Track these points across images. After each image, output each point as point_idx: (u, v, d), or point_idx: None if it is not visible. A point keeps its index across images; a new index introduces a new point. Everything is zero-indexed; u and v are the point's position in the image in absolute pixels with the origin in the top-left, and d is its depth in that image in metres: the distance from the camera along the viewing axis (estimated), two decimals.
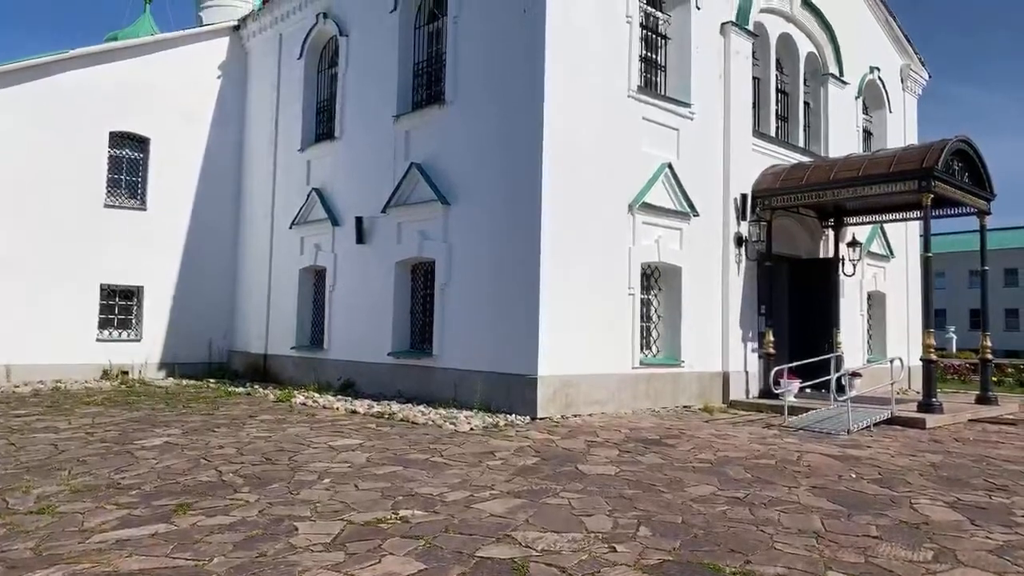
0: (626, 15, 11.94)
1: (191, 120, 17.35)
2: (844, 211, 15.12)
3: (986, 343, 13.47)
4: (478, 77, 11.92)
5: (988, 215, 13.86)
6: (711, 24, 13.43)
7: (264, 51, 17.71)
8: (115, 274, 16.15)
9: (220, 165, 17.75)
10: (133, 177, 16.76)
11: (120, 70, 16.41)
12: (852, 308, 15.97)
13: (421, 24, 13.73)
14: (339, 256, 14.65)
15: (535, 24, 10.85)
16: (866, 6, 17.89)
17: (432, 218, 12.45)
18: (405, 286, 13.33)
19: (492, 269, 11.31)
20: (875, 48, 18.09)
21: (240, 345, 17.45)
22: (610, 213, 11.55)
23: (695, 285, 12.79)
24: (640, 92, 12.12)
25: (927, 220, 12.29)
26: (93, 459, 7.19)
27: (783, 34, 15.33)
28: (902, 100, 19.10)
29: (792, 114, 15.85)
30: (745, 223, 13.63)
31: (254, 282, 17.23)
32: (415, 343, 13.13)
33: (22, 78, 15.14)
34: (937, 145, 12.19)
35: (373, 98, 14.05)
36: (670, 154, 12.53)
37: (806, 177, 13.50)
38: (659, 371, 12.18)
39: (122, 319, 16.52)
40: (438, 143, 12.54)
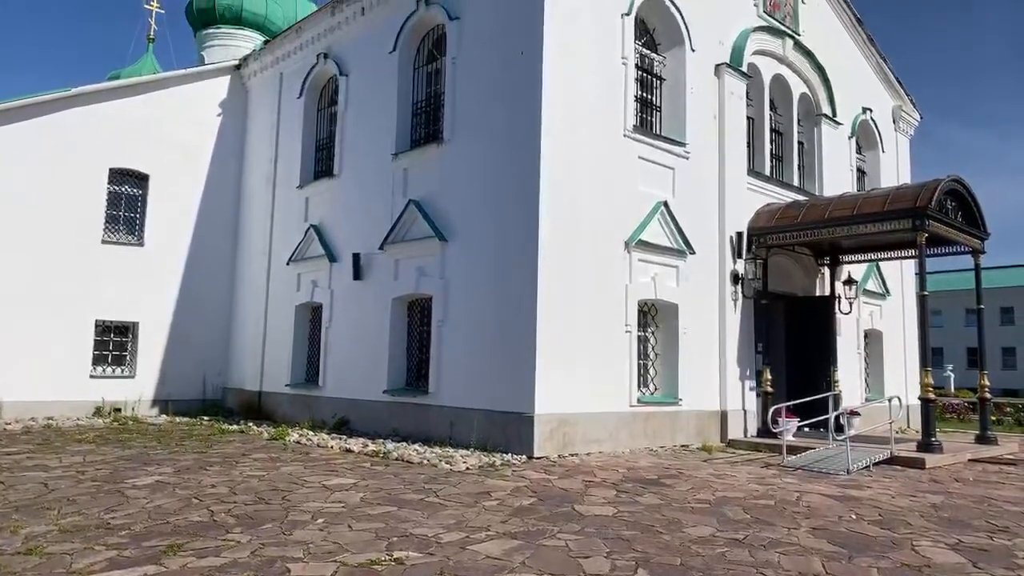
0: (621, 57, 12.14)
1: (191, 157, 17.48)
2: (839, 249, 15.20)
3: (984, 382, 13.43)
4: (476, 116, 12.06)
5: (982, 254, 13.94)
6: (706, 65, 13.66)
7: (264, 90, 17.93)
8: (110, 310, 16.10)
9: (218, 202, 17.83)
10: (131, 213, 16.83)
11: (122, 108, 16.58)
12: (849, 346, 15.95)
13: (420, 65, 13.93)
14: (336, 292, 14.64)
15: (532, 65, 11.01)
16: (858, 49, 18.22)
17: (429, 254, 12.48)
18: (401, 323, 13.30)
19: (489, 306, 11.30)
20: (867, 89, 18.39)
21: (235, 382, 17.33)
22: (607, 251, 11.60)
23: (692, 323, 12.78)
24: (636, 131, 12.26)
25: (922, 258, 12.35)
26: (83, 498, 7.08)
27: (776, 75, 15.58)
28: (895, 140, 19.36)
29: (786, 153, 16.04)
30: (741, 261, 13.69)
31: (250, 319, 17.19)
32: (411, 380, 13.05)
33: (23, 115, 15.28)
34: (930, 184, 12.31)
35: (372, 136, 14.20)
36: (666, 192, 12.63)
37: (801, 215, 13.60)
38: (657, 409, 12.11)
39: (116, 355, 16.42)
40: (436, 181, 12.63)
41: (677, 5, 13.12)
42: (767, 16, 15.31)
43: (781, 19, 15.73)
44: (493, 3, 12.00)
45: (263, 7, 21.61)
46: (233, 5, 21.28)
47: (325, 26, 15.80)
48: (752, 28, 14.72)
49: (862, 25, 18.16)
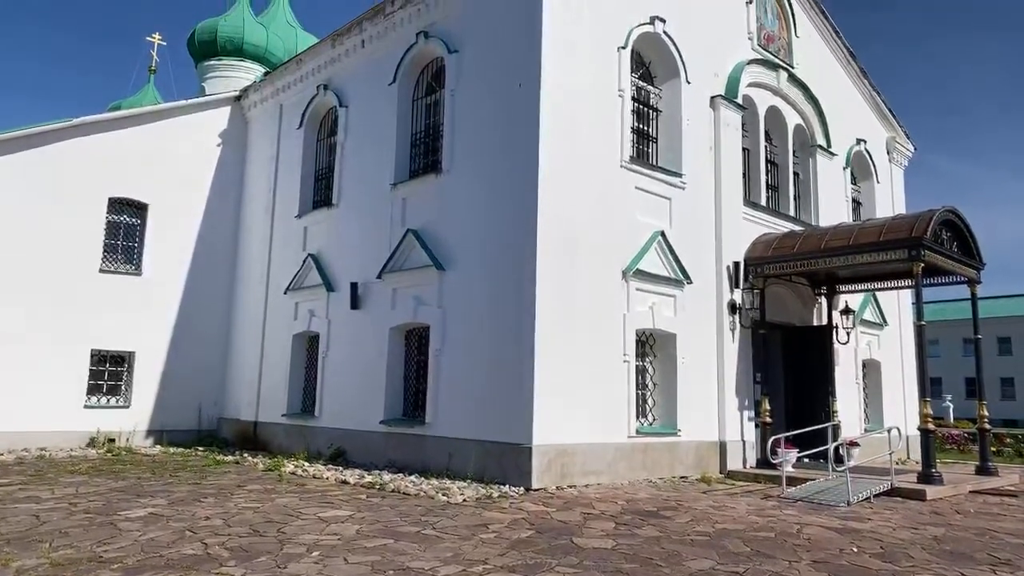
0: (618, 89, 12.28)
1: (190, 187, 17.55)
2: (836, 279, 15.24)
3: (983, 412, 13.38)
4: (474, 147, 12.16)
5: (979, 284, 13.98)
6: (701, 97, 13.82)
7: (264, 120, 18.08)
8: (107, 339, 16.04)
9: (217, 231, 17.88)
10: (130, 242, 16.85)
11: (122, 138, 16.68)
12: (847, 376, 15.91)
13: (419, 96, 14.08)
14: (333, 322, 14.62)
15: (530, 97, 11.13)
16: (851, 81, 18.47)
17: (427, 283, 12.49)
18: (399, 352, 13.26)
19: (486, 335, 11.28)
20: (861, 121, 18.60)
21: (230, 412, 17.21)
22: (604, 280, 11.62)
23: (690, 352, 12.76)
24: (632, 162, 12.36)
25: (919, 288, 12.38)
26: (75, 531, 6.99)
27: (771, 107, 15.76)
28: (889, 171, 19.53)
29: (782, 184, 16.16)
30: (738, 291, 13.71)
31: (247, 348, 17.13)
32: (408, 411, 12.97)
33: (24, 145, 15.37)
34: (925, 215, 12.39)
35: (371, 166, 14.29)
36: (663, 222, 12.69)
37: (797, 245, 13.66)
38: (655, 440, 12.03)
39: (111, 385, 16.32)
40: (435, 210, 12.69)
41: (673, 39, 13.32)
42: (761, 49, 15.54)
43: (775, 52, 15.97)
44: (492, 37, 12.17)
45: (264, 39, 21.90)
46: (234, 37, 21.56)
47: (325, 58, 15.99)
48: (747, 61, 14.92)
49: (855, 58, 18.43)
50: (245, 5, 22.36)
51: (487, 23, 12.28)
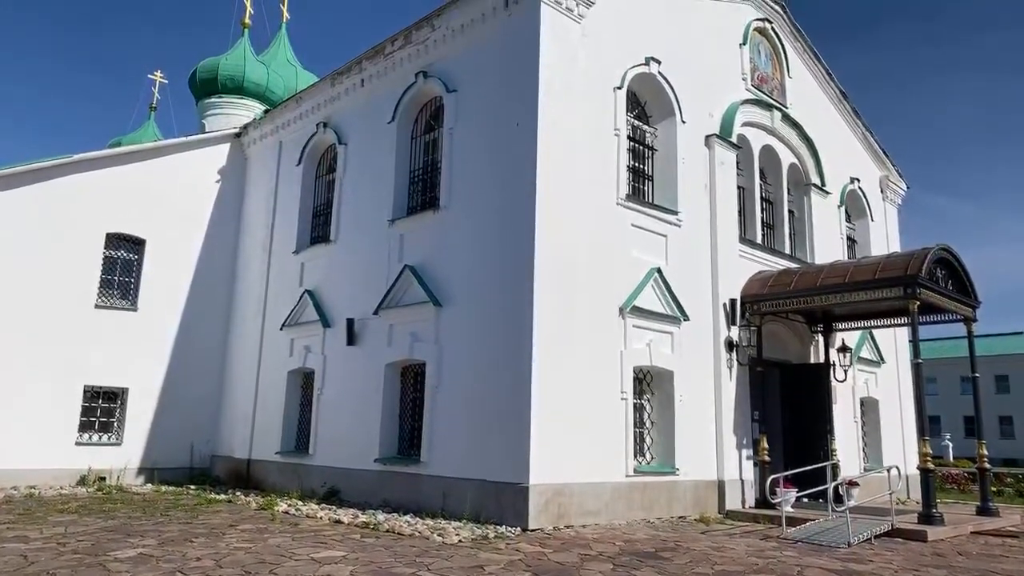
0: (614, 128, 12.42)
1: (188, 223, 17.59)
2: (833, 317, 15.25)
3: (983, 451, 13.29)
4: (472, 184, 12.25)
5: (974, 322, 14.00)
6: (696, 136, 13.98)
7: (264, 157, 18.22)
8: (100, 375, 15.90)
9: (214, 267, 17.87)
10: (126, 278, 16.82)
11: (121, 174, 16.75)
12: (845, 414, 15.83)
13: (418, 134, 14.22)
14: (328, 358, 14.54)
15: (527, 136, 11.25)
16: (843, 121, 18.73)
17: (424, 320, 12.46)
18: (394, 389, 13.17)
19: (483, 372, 11.22)
20: (854, 160, 18.81)
21: (223, 450, 17.01)
22: (601, 317, 11.61)
23: (687, 390, 12.70)
24: (629, 200, 12.45)
25: (915, 326, 12.39)
26: (63, 571, 6.84)
27: (766, 146, 15.94)
28: (883, 209, 19.70)
29: (777, 222, 16.26)
30: (735, 328, 13.70)
31: (241, 385, 17.00)
32: (403, 449, 12.84)
33: (23, 181, 15.41)
34: (920, 253, 12.46)
35: (369, 203, 14.36)
36: (659, 259, 12.74)
37: (793, 283, 13.70)
38: (653, 479, 11.90)
39: (104, 422, 16.14)
40: (432, 246, 12.73)
41: (667, 79, 13.52)
42: (755, 90, 15.78)
43: (769, 92, 16.21)
44: (489, 77, 12.34)
45: (264, 77, 22.15)
46: (235, 76, 21.80)
47: (325, 96, 16.18)
48: (741, 101, 15.14)
49: (847, 99, 18.72)
50: (246, 44, 22.67)
51: (485, 64, 12.46)
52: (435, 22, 13.22)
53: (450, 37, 13.09)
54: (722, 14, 15.49)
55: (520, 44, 11.70)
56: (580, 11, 12.01)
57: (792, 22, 17.25)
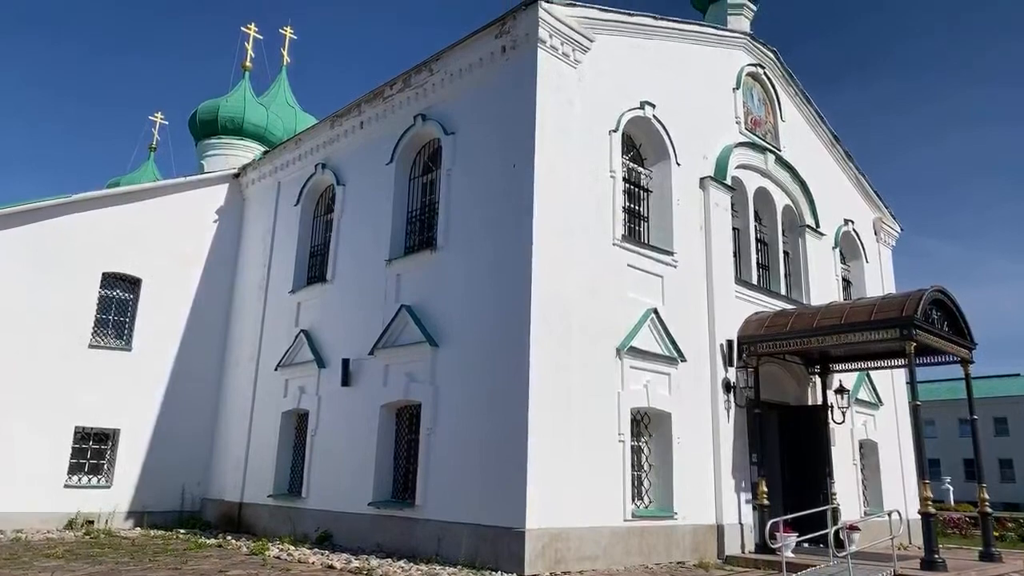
0: (610, 170, 12.54)
1: (185, 262, 17.59)
2: (829, 358, 15.21)
3: (983, 495, 13.13)
4: (469, 225, 12.30)
5: (971, 364, 13.97)
6: (691, 178, 14.11)
7: (262, 197, 18.31)
8: (92, 416, 15.71)
9: (210, 307, 17.80)
10: (121, 317, 16.74)
11: (119, 214, 16.79)
12: (844, 457, 15.68)
13: (416, 176, 14.33)
14: (323, 399, 14.42)
15: (524, 177, 11.34)
16: (836, 164, 18.95)
17: (420, 360, 12.38)
18: (389, 431, 13.03)
19: (479, 413, 11.11)
20: (848, 202, 18.99)
21: (215, 492, 16.75)
22: (598, 358, 11.56)
23: (685, 432, 12.59)
24: (624, 240, 12.50)
25: (912, 368, 12.35)
26: None
27: (760, 188, 16.09)
28: (877, 251, 19.81)
29: (773, 263, 16.33)
30: (732, 369, 13.65)
31: (234, 426, 16.81)
32: (397, 492, 12.65)
33: (19, 221, 15.42)
34: (915, 294, 12.48)
35: (367, 243, 14.40)
36: (655, 300, 12.74)
37: (790, 324, 13.69)
38: (652, 524, 11.71)
39: (94, 464, 15.88)
40: (429, 286, 12.72)
41: (662, 123, 13.70)
42: (749, 133, 15.99)
43: (762, 136, 16.43)
44: (487, 120, 12.49)
45: (264, 119, 22.41)
46: (235, 117, 22.06)
47: (324, 138, 16.34)
48: (735, 144, 15.33)
49: (839, 141, 18.97)
50: (247, 86, 22.99)
51: (483, 107, 12.62)
52: (434, 66, 13.43)
53: (448, 81, 13.29)
54: (715, 59, 15.78)
55: (517, 88, 11.87)
56: (576, 57, 12.23)
57: (784, 67, 17.57)
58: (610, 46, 13.01)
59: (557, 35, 11.88)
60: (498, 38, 12.20)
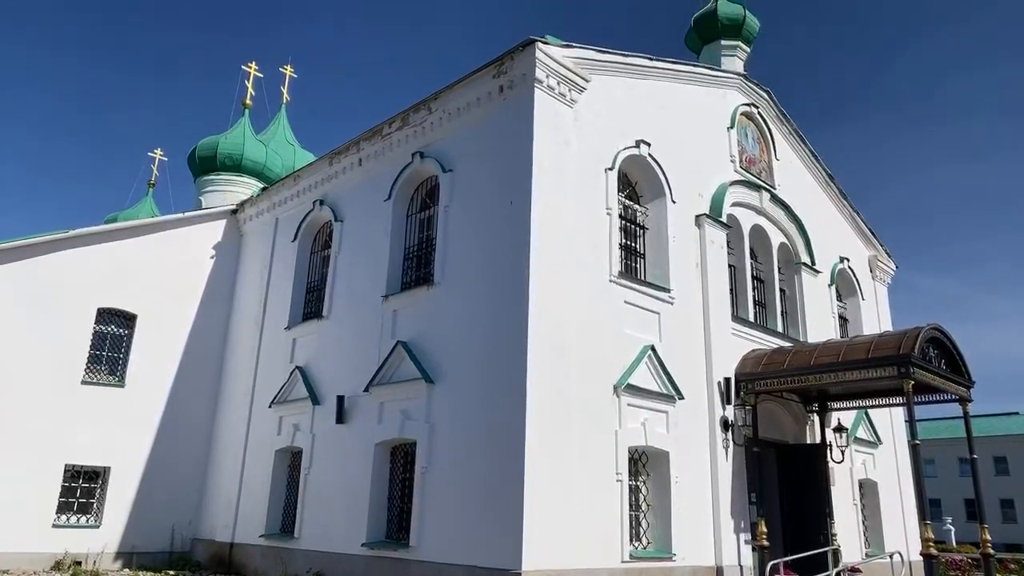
0: (606, 207, 12.61)
1: (180, 298, 17.52)
2: (827, 396, 15.13)
3: (985, 536, 12.96)
4: (466, 261, 12.31)
5: (969, 402, 13.91)
6: (686, 215, 14.19)
7: (259, 233, 18.34)
8: (82, 454, 15.48)
9: (204, 343, 17.69)
10: (115, 353, 16.62)
11: (116, 249, 16.78)
12: (844, 497, 15.50)
13: (413, 212, 14.39)
14: (317, 436, 14.25)
15: (521, 214, 11.39)
16: (831, 202, 19.10)
17: (415, 397, 12.27)
18: (384, 469, 12.86)
19: (475, 452, 10.97)
20: (843, 239, 19.09)
21: (205, 532, 16.45)
22: (596, 395, 11.47)
23: (684, 471, 12.45)
24: (621, 276, 12.51)
25: (910, 406, 12.29)
26: None
27: (755, 226, 16.18)
28: (873, 288, 19.85)
29: (769, 300, 16.34)
30: (730, 407, 13.56)
31: (227, 464, 16.58)
32: (391, 532, 12.43)
33: (17, 256, 15.39)
34: (911, 332, 12.48)
35: (363, 279, 14.39)
36: (652, 337, 12.71)
37: (787, 361, 13.65)
38: (650, 565, 11.50)
39: (83, 503, 15.61)
40: (425, 322, 12.68)
41: (657, 161, 13.82)
42: (744, 171, 16.14)
43: (757, 174, 16.58)
44: (485, 157, 12.59)
45: (263, 156, 22.57)
46: (234, 154, 22.20)
47: (322, 175, 16.43)
48: (730, 182, 15.45)
49: (833, 180, 19.15)
50: (246, 124, 23.20)
51: (481, 145, 12.73)
52: (432, 105, 13.58)
53: (446, 119, 13.42)
54: (710, 99, 16.00)
55: (515, 127, 11.99)
56: (572, 96, 12.38)
57: (777, 107, 17.81)
58: (606, 86, 13.18)
59: (554, 75, 12.05)
60: (496, 78, 12.36)
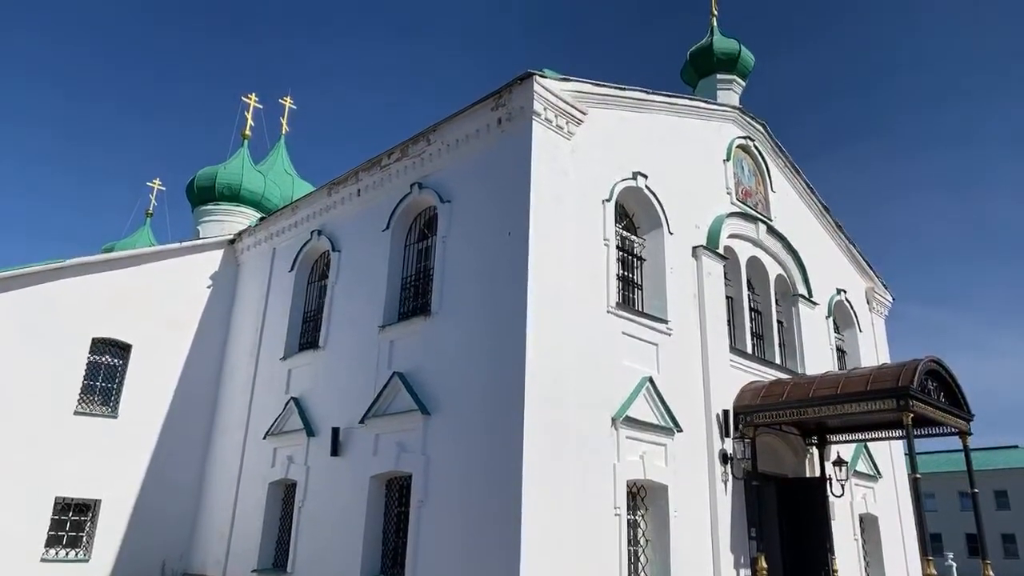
0: (603, 238, 12.62)
1: (176, 328, 17.41)
2: (826, 429, 15.03)
3: (988, 572, 12.78)
4: (464, 291, 12.28)
5: (969, 435, 13.81)
6: (683, 247, 14.20)
7: (256, 263, 18.31)
8: (73, 486, 15.24)
9: (199, 374, 17.54)
10: (109, 384, 16.45)
11: (112, 279, 16.69)
12: (845, 532, 15.30)
13: (411, 242, 14.39)
14: (312, 469, 14.07)
15: (519, 245, 11.39)
16: (827, 233, 19.17)
17: (411, 429, 12.15)
18: (379, 503, 12.68)
19: (471, 485, 10.82)
20: (840, 271, 19.12)
21: (196, 566, 16.15)
22: (594, 427, 11.37)
23: (682, 505, 12.29)
24: (619, 308, 12.48)
25: (910, 439, 12.20)
26: None
27: (752, 257, 16.19)
28: (870, 320, 19.83)
29: (767, 332, 16.29)
30: (729, 440, 13.43)
31: (220, 497, 16.35)
32: (386, 567, 12.22)
33: (11, 285, 15.28)
34: (910, 364, 12.43)
35: (360, 309, 14.33)
36: (650, 368, 12.63)
37: (785, 394, 13.57)
38: None
39: (72, 536, 15.32)
40: (422, 353, 12.60)
41: (654, 193, 13.88)
42: (740, 203, 16.21)
43: (753, 206, 16.66)
44: (483, 189, 12.63)
45: (261, 186, 22.63)
46: (233, 184, 22.25)
47: (321, 205, 16.46)
48: (727, 214, 15.51)
49: (829, 212, 19.24)
50: (245, 154, 23.30)
51: (479, 176, 12.78)
52: (431, 137, 13.66)
53: (445, 151, 13.50)
54: (706, 132, 16.13)
55: (513, 159, 12.05)
56: (570, 129, 12.47)
57: (773, 140, 17.96)
58: (603, 118, 13.29)
59: (551, 108, 12.15)
60: (494, 110, 12.45)
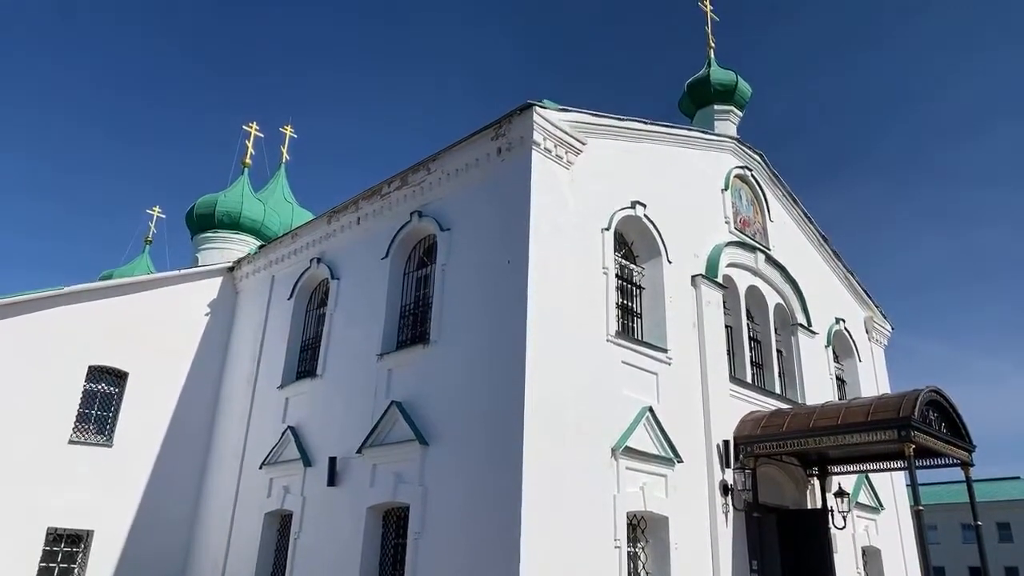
0: (603, 267, 12.62)
1: (173, 356, 17.31)
2: (827, 459, 14.91)
3: None
4: (463, 320, 12.25)
5: (971, 466, 13.70)
6: (682, 276, 14.20)
7: (255, 291, 18.28)
8: (66, 517, 15.01)
9: (196, 402, 17.40)
10: (105, 412, 16.31)
11: (110, 306, 16.62)
12: (848, 565, 15.08)
13: (410, 270, 14.39)
14: (308, 499, 13.90)
15: (518, 273, 11.39)
16: (825, 263, 19.20)
17: (409, 459, 12.03)
18: (375, 534, 12.50)
19: (469, 517, 10.69)
20: (839, 301, 19.11)
21: None
22: (593, 458, 11.25)
23: (683, 537, 12.13)
24: (618, 336, 12.43)
25: (912, 470, 12.10)
26: None
27: (751, 286, 16.19)
28: (870, 350, 19.77)
29: (766, 361, 16.23)
30: (730, 471, 13.31)
31: (214, 528, 16.13)
32: None
33: (8, 313, 15.21)
34: (911, 395, 12.36)
35: (359, 337, 14.27)
36: (650, 398, 12.56)
37: (786, 424, 13.48)
38: None
39: (64, 568, 15.08)
40: (420, 382, 12.53)
41: (653, 222, 13.92)
42: (738, 232, 16.25)
43: (751, 235, 16.70)
44: (482, 217, 12.67)
45: (261, 214, 22.67)
46: (232, 212, 22.30)
47: (320, 233, 16.49)
48: (725, 243, 15.53)
49: (827, 241, 19.29)
50: (245, 182, 23.39)
51: (478, 205, 12.83)
52: (431, 166, 13.73)
53: (445, 180, 13.56)
54: (704, 162, 16.22)
55: (512, 188, 12.11)
56: (569, 158, 12.55)
57: (770, 170, 18.07)
58: (602, 148, 13.37)
59: (551, 138, 12.23)
60: (494, 140, 12.54)
